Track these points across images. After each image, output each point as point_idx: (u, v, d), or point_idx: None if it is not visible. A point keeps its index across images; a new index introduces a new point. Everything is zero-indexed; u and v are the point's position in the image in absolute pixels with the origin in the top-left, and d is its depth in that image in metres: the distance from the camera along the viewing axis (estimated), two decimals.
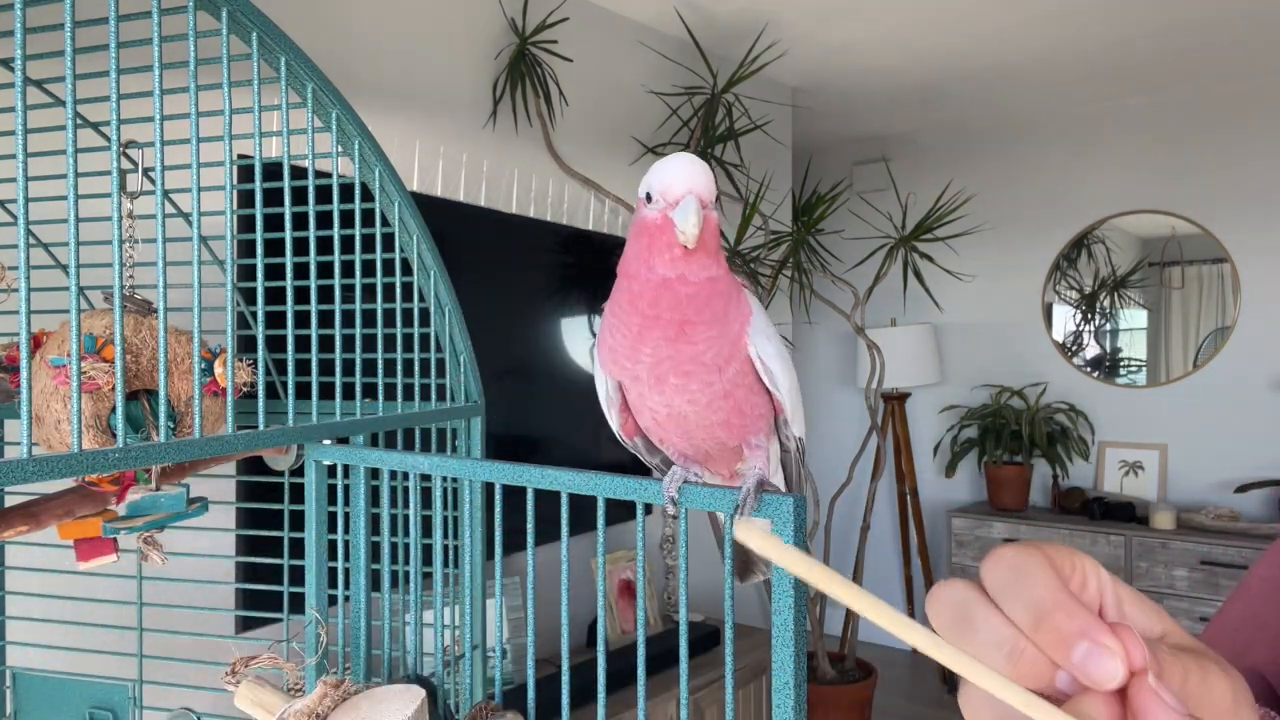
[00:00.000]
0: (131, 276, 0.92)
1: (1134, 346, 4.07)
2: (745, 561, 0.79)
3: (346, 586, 0.95)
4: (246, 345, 1.19)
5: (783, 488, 0.78)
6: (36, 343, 0.90)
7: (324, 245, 0.92)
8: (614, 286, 0.69)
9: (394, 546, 1.13)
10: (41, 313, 0.75)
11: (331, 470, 0.96)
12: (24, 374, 0.58)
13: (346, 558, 0.96)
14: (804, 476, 0.80)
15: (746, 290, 0.72)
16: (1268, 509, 3.64)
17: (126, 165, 0.93)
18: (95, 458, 0.63)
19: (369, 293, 0.97)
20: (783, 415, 0.72)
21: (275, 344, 1.11)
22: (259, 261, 0.86)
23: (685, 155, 0.65)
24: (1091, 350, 4.14)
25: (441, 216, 2.21)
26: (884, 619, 0.31)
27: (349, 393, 1.00)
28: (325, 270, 0.89)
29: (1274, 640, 0.56)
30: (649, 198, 0.65)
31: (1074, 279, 4.16)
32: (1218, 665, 0.32)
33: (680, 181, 0.63)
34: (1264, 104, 3.67)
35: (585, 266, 2.71)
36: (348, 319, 0.93)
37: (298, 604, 1.03)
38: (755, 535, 0.33)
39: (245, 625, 1.70)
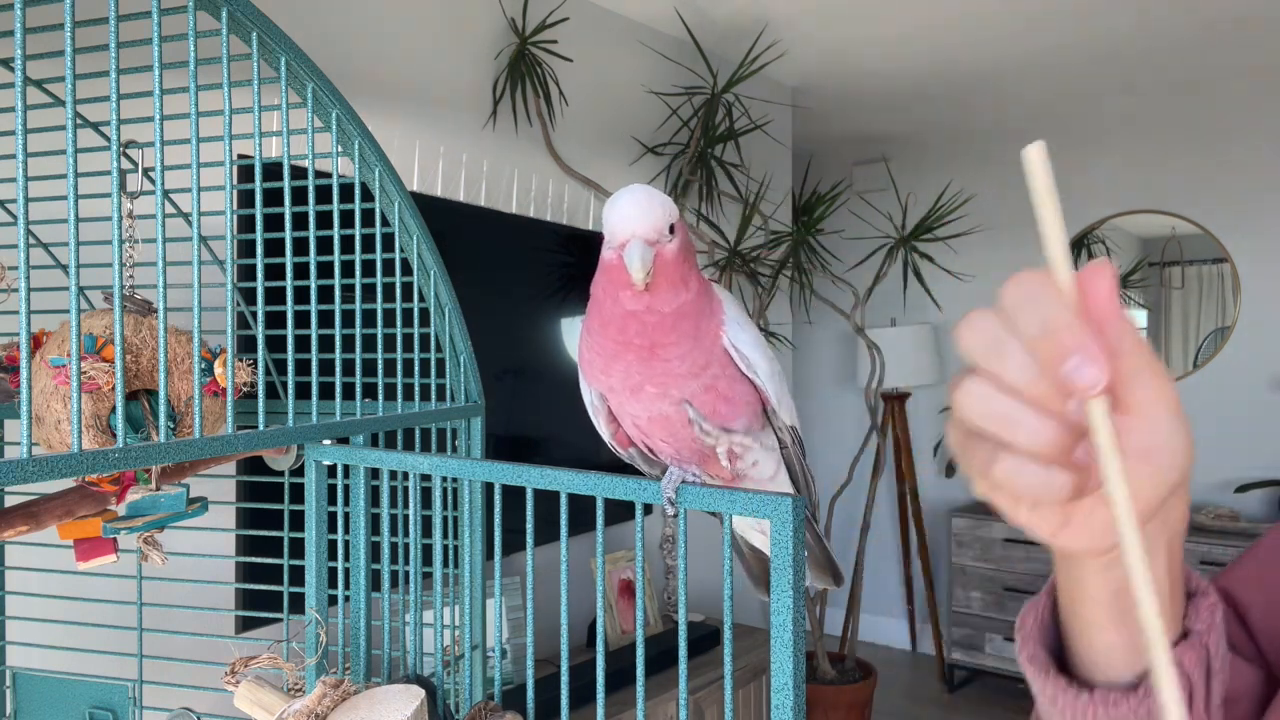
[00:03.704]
0: (131, 276, 0.92)
1: None
2: (765, 570, 0.78)
3: (346, 586, 0.95)
4: (246, 345, 1.19)
5: (789, 488, 0.78)
6: (36, 343, 0.90)
7: (324, 245, 0.92)
8: (589, 303, 0.69)
9: (394, 546, 1.13)
10: (41, 313, 0.75)
11: (331, 470, 0.96)
12: (24, 374, 0.58)
13: (346, 558, 0.96)
14: (809, 474, 0.79)
15: (717, 287, 0.71)
16: (1268, 509, 3.64)
17: (126, 165, 0.93)
18: (95, 458, 0.63)
19: (369, 293, 0.97)
20: (769, 405, 0.72)
21: (275, 344, 1.11)
22: (259, 261, 0.86)
23: (631, 192, 0.63)
24: None
25: (441, 216, 2.21)
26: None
27: (349, 393, 1.00)
28: (325, 270, 0.89)
29: (1269, 605, 0.57)
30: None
31: None
32: None
33: (623, 226, 0.61)
34: (1264, 104, 3.67)
35: (585, 266, 2.71)
36: (348, 319, 0.93)
37: (298, 604, 1.03)
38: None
39: (245, 625, 1.70)
